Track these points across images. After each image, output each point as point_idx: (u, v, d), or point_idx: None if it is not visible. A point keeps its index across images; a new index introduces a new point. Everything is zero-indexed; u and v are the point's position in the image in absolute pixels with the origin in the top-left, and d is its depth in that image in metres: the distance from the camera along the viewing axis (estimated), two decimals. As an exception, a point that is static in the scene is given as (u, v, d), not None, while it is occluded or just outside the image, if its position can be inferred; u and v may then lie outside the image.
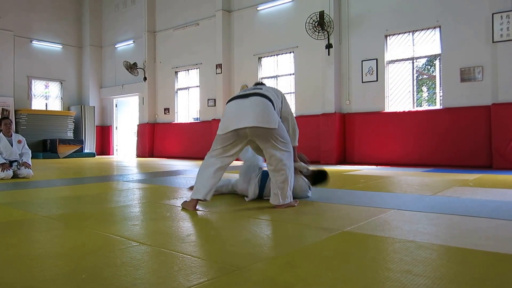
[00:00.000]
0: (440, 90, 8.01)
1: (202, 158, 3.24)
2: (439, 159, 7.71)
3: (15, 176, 5.87)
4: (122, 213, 3.08)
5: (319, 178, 3.69)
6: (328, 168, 4.47)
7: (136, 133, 13.97)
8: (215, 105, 11.55)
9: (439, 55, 7.97)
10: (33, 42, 14.01)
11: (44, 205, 3.51)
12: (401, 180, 5.24)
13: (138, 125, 13.84)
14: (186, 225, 2.63)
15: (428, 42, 8.16)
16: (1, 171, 5.68)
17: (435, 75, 8.52)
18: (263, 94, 3.15)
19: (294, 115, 3.58)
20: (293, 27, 9.82)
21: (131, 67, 13.25)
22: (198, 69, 12.34)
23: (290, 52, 10.13)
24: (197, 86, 12.41)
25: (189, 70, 12.70)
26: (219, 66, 11.24)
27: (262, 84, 3.59)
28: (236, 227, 2.60)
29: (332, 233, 2.33)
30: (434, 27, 8.01)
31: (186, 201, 3.24)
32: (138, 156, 13.59)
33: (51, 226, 2.62)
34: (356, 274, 1.63)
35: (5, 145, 5.99)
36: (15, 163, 5.98)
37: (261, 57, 10.70)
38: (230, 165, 3.25)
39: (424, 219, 2.68)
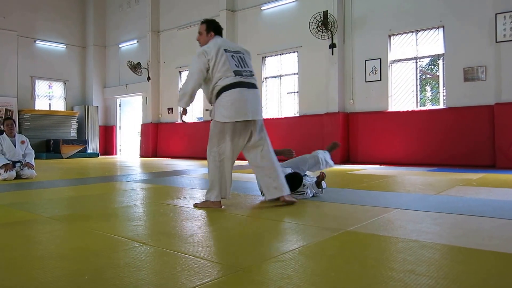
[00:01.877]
0: (443, 89, 7.98)
1: (205, 158, 3.23)
2: (443, 159, 7.68)
3: (18, 176, 5.88)
4: (125, 214, 3.08)
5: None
6: (331, 167, 4.44)
7: (139, 133, 13.99)
8: (218, 105, 11.52)
9: (443, 55, 7.93)
10: (36, 42, 14.05)
11: (47, 206, 3.52)
12: (405, 180, 5.22)
13: (141, 125, 13.86)
14: (189, 226, 2.63)
15: (432, 42, 8.12)
16: (4, 171, 5.70)
17: (438, 75, 8.49)
18: (256, 85, 3.28)
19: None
20: (296, 27, 9.80)
21: (135, 67, 13.26)
22: (201, 69, 12.32)
23: (293, 52, 10.12)
24: (200, 86, 12.39)
25: (192, 70, 12.68)
26: (222, 66, 11.22)
27: (244, 53, 3.33)
28: (238, 227, 2.60)
29: (335, 232, 2.32)
30: (438, 27, 7.98)
31: (207, 201, 3.20)
32: (141, 156, 13.61)
33: (54, 227, 2.62)
34: (359, 274, 1.63)
35: (8, 145, 6.00)
36: (18, 164, 5.99)
37: (265, 57, 10.68)
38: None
39: (428, 218, 2.67)
